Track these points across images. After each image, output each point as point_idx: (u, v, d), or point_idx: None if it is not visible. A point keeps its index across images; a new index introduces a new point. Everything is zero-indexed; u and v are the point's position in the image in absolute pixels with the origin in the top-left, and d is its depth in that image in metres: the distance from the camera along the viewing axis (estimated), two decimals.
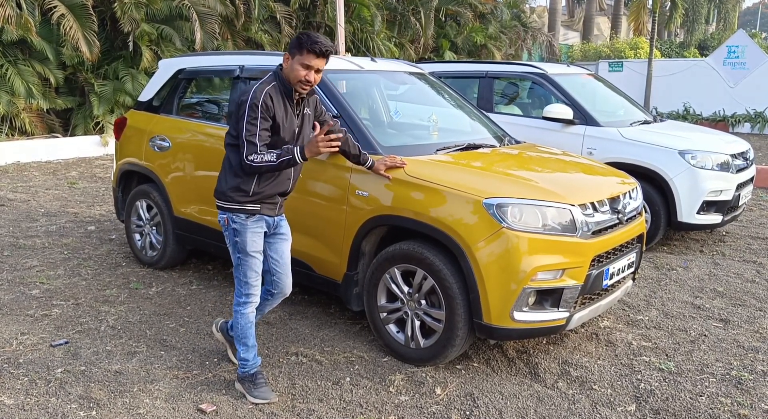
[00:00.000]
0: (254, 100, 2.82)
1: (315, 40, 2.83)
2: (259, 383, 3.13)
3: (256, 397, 3.09)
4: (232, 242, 3.09)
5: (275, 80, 2.93)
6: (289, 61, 2.89)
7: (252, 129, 2.83)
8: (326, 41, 2.88)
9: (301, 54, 2.85)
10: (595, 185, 3.72)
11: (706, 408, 3.07)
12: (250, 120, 2.83)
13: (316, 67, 2.89)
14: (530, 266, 3.08)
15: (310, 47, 2.83)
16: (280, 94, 2.91)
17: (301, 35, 2.87)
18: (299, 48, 2.85)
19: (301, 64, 2.85)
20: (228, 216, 3.05)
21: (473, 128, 4.52)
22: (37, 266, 5.09)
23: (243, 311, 3.13)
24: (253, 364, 3.17)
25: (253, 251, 3.06)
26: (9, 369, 3.38)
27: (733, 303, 4.51)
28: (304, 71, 2.87)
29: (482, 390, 3.23)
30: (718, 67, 16.96)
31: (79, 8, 10.42)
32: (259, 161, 2.83)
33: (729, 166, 5.71)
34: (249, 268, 3.07)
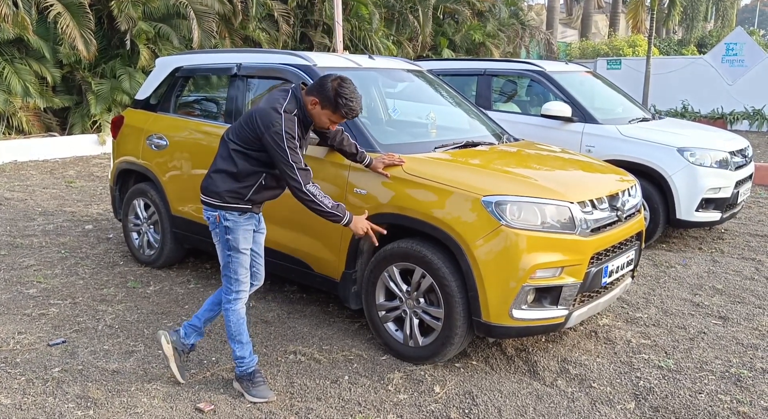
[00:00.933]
0: (290, 131, 2.87)
1: (352, 109, 2.92)
2: (257, 381, 3.12)
3: (255, 396, 3.08)
4: (223, 239, 3.08)
5: (297, 108, 2.95)
6: (317, 108, 2.95)
7: (296, 158, 2.88)
8: (360, 106, 2.97)
9: (334, 113, 2.94)
10: (594, 182, 3.71)
11: (706, 406, 3.06)
12: (293, 150, 2.87)
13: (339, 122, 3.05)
14: (529, 263, 3.07)
15: (346, 115, 2.94)
16: (299, 122, 2.97)
17: (340, 98, 2.88)
18: (334, 107, 2.91)
19: (330, 119, 2.98)
20: (219, 214, 3.05)
21: (471, 126, 4.51)
22: (34, 265, 5.07)
23: (234, 308, 3.11)
24: (250, 362, 3.15)
25: (245, 248, 3.07)
26: (6, 368, 3.36)
27: (732, 301, 4.50)
28: (330, 124, 3.02)
29: (481, 388, 3.22)
30: (717, 65, 16.93)
31: (75, 6, 10.38)
32: (319, 197, 2.94)
33: (728, 163, 5.70)
34: (240, 265, 3.07)
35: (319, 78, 3.00)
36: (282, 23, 13.54)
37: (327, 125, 3.02)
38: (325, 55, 4.25)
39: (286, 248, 3.99)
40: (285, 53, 4.22)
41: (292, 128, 2.88)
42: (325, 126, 3.04)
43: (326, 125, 3.02)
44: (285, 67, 4.09)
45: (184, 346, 3.29)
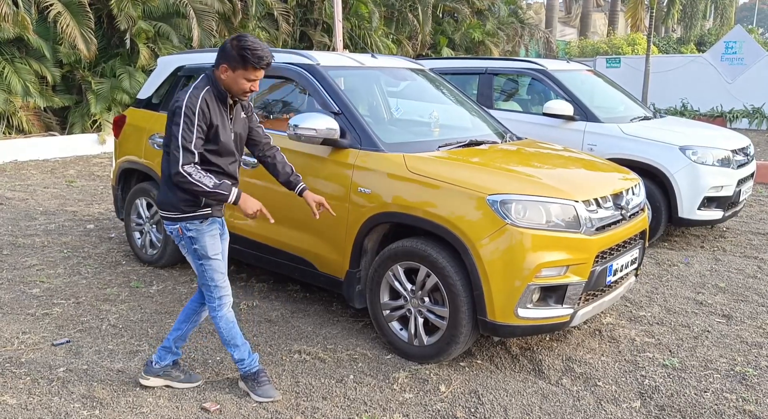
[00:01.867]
0: (191, 106, 2.72)
1: (261, 56, 2.73)
2: (262, 381, 3.10)
3: (260, 396, 3.07)
4: (191, 250, 2.97)
5: (209, 85, 2.82)
6: (229, 73, 2.78)
7: (189, 136, 2.71)
8: (268, 52, 2.78)
9: (246, 69, 2.76)
10: (598, 181, 3.71)
11: (712, 404, 3.07)
12: (187, 127, 2.71)
13: (258, 78, 2.84)
14: (534, 262, 3.07)
15: (257, 64, 2.75)
16: (215, 99, 2.82)
17: (244, 51, 2.72)
18: (242, 64, 2.74)
19: (245, 78, 2.78)
20: (181, 226, 2.92)
21: (474, 125, 4.51)
22: (36, 265, 5.06)
23: (221, 314, 3.04)
24: (251, 362, 3.11)
25: (215, 254, 2.97)
26: (11, 368, 3.36)
27: (735, 299, 4.51)
28: (249, 84, 2.81)
29: (486, 387, 3.22)
30: (716, 63, 16.95)
31: (75, 6, 10.37)
32: (196, 177, 2.71)
33: (730, 162, 5.70)
34: (215, 271, 2.98)
35: (219, 48, 2.86)
36: (282, 22, 13.54)
37: (247, 86, 2.80)
38: (329, 54, 4.25)
39: (290, 247, 3.99)
40: (288, 52, 4.22)
41: (194, 103, 2.72)
42: (245, 88, 2.81)
43: (246, 86, 2.80)
44: (288, 66, 4.08)
45: (165, 368, 3.16)
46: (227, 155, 2.91)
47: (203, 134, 2.77)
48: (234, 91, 2.84)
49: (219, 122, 2.82)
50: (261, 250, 4.17)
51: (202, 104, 2.74)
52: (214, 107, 2.80)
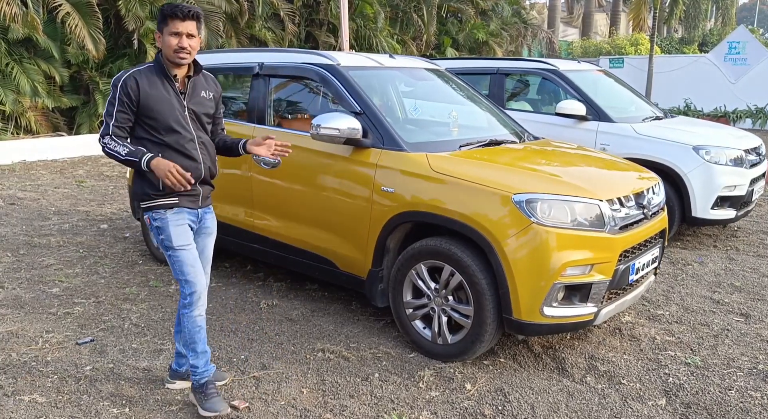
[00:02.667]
0: (115, 81, 2.77)
1: (174, 5, 2.74)
2: (210, 394, 2.94)
3: (207, 410, 2.90)
4: (159, 240, 2.92)
5: (153, 64, 2.84)
6: (160, 39, 2.79)
7: (110, 109, 2.76)
8: (187, 5, 2.79)
9: (166, 24, 2.74)
10: (620, 180, 3.74)
11: (737, 402, 3.09)
12: (111, 100, 2.76)
13: (187, 32, 2.75)
14: (560, 261, 3.09)
15: (172, 12, 2.72)
16: (155, 75, 2.79)
17: (163, 7, 2.77)
18: (163, 19, 2.76)
19: (170, 34, 2.74)
20: (149, 215, 2.89)
21: (492, 125, 4.53)
22: (54, 265, 5.08)
23: (190, 314, 2.91)
24: (204, 372, 2.97)
25: (180, 244, 2.86)
26: (38, 367, 3.38)
27: (751, 298, 4.53)
28: (176, 39, 2.74)
29: (512, 385, 3.25)
30: (719, 63, 16.98)
31: (84, 6, 10.41)
32: (112, 146, 2.74)
33: (742, 161, 5.73)
34: (183, 263, 2.86)
35: None
36: (288, 22, 13.57)
37: (175, 42, 2.73)
38: (348, 55, 4.26)
39: (312, 246, 4.01)
40: (308, 53, 4.24)
41: (120, 77, 2.75)
42: (174, 45, 2.73)
43: (174, 43, 2.73)
44: (308, 66, 4.11)
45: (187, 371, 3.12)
46: (169, 130, 2.81)
47: (126, 108, 2.75)
48: (170, 56, 2.77)
49: (156, 97, 2.77)
50: (282, 250, 4.19)
51: (128, 80, 2.74)
52: (148, 82, 2.76)
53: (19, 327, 3.89)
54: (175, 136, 2.82)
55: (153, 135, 2.81)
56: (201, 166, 2.90)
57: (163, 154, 2.78)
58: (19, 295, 4.41)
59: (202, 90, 2.93)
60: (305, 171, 3.96)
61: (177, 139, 2.82)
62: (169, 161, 2.72)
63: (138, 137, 2.84)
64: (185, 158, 2.84)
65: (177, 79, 2.84)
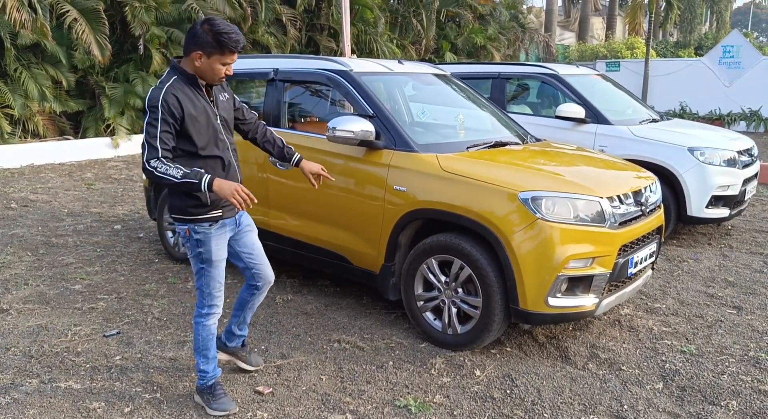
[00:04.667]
0: (153, 101, 2.66)
1: (237, 40, 2.69)
2: (218, 394, 3.05)
3: (216, 409, 3.01)
4: (195, 253, 2.92)
5: (175, 75, 2.75)
6: (204, 60, 2.70)
7: (152, 131, 2.64)
8: (240, 35, 2.74)
9: (222, 54, 2.69)
10: (619, 178, 3.95)
11: (729, 385, 3.30)
12: (151, 121, 2.65)
13: (234, 62, 2.80)
14: (563, 254, 3.30)
15: (234, 47, 2.70)
16: (187, 87, 2.75)
17: (219, 36, 2.66)
18: (219, 49, 2.68)
19: (221, 63, 2.72)
20: (189, 227, 2.88)
21: (496, 127, 4.74)
22: (74, 263, 5.27)
23: (205, 323, 3.01)
24: (212, 376, 3.08)
25: (218, 260, 2.92)
26: (70, 357, 3.57)
27: (744, 292, 4.75)
28: (224, 68, 2.75)
29: (518, 371, 3.45)
30: (714, 67, 17.25)
31: (91, 12, 10.61)
32: (163, 170, 2.62)
33: (735, 162, 5.95)
34: (212, 279, 2.94)
35: (187, 33, 2.77)
36: (290, 27, 13.79)
37: (222, 72, 2.74)
38: (360, 61, 4.47)
39: (325, 243, 4.21)
40: (322, 59, 4.45)
41: (157, 96, 2.66)
42: (220, 74, 2.75)
43: (221, 72, 2.74)
44: (322, 72, 4.31)
45: (234, 347, 3.37)
46: (213, 141, 2.83)
47: (170, 128, 2.68)
48: (209, 78, 2.77)
49: (194, 109, 2.74)
50: (298, 247, 4.39)
51: (168, 98, 2.66)
52: (185, 97, 2.72)
53: (48, 320, 4.08)
54: (216, 147, 2.84)
55: (193, 148, 2.78)
56: (236, 172, 2.97)
57: (205, 166, 2.78)
58: (44, 291, 4.60)
59: (220, 94, 2.96)
60: None
61: (218, 149, 2.85)
62: (230, 183, 2.68)
63: (176, 154, 2.77)
64: (225, 166, 2.89)
65: (204, 89, 2.84)
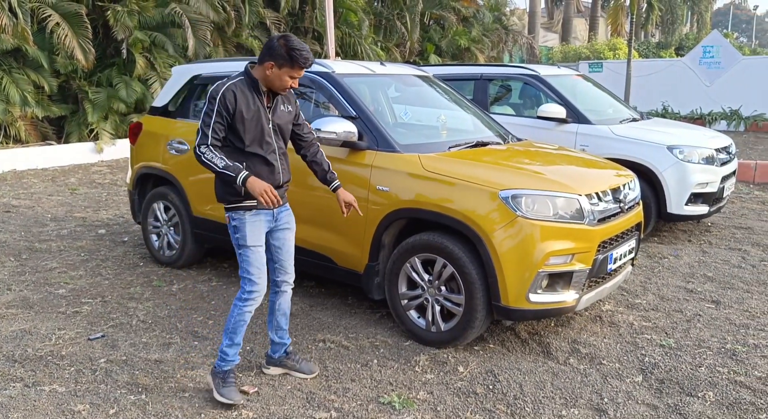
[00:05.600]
0: (214, 93, 2.96)
1: (307, 57, 2.95)
2: (229, 382, 3.16)
3: (222, 395, 3.11)
4: (234, 238, 3.16)
5: (243, 75, 3.04)
6: (274, 70, 2.97)
7: (207, 120, 2.95)
8: (311, 54, 2.99)
9: (291, 67, 2.95)
10: (597, 176, 4.02)
11: (706, 377, 3.37)
12: (208, 111, 2.95)
13: (300, 77, 3.06)
14: (543, 251, 3.36)
15: (303, 64, 2.96)
16: (248, 89, 3.01)
17: (292, 51, 2.92)
18: (290, 63, 2.93)
19: (289, 76, 2.99)
20: (228, 215, 3.15)
21: (478, 127, 4.79)
22: (57, 268, 5.26)
23: (242, 307, 3.14)
24: (231, 361, 3.19)
25: (253, 244, 3.11)
26: (54, 360, 3.57)
27: (722, 287, 4.84)
28: (291, 81, 3.02)
29: (501, 367, 3.50)
30: (695, 67, 17.50)
31: (73, 16, 10.54)
32: (208, 156, 2.93)
33: (714, 159, 6.06)
34: (250, 263, 3.11)
35: (264, 45, 3.03)
36: (274, 31, 13.78)
37: (288, 83, 3.01)
38: (343, 63, 4.51)
39: (309, 244, 4.23)
40: None
41: (219, 90, 2.94)
42: (287, 85, 3.01)
43: (287, 83, 3.01)
44: (305, 74, 4.33)
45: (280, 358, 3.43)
46: (258, 141, 3.06)
47: (223, 120, 2.96)
48: (276, 87, 3.03)
49: (247, 110, 2.99)
50: None
51: (227, 93, 2.94)
52: (243, 96, 2.98)
53: (32, 325, 4.07)
54: (260, 147, 3.07)
55: (240, 144, 3.04)
56: (279, 174, 3.18)
57: (247, 161, 3.04)
58: (27, 296, 4.59)
59: (282, 104, 3.18)
60: (304, 174, 4.17)
61: (261, 149, 3.07)
62: (263, 182, 2.95)
63: (225, 144, 3.04)
64: (266, 165, 3.11)
65: (265, 95, 3.08)
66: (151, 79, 11.61)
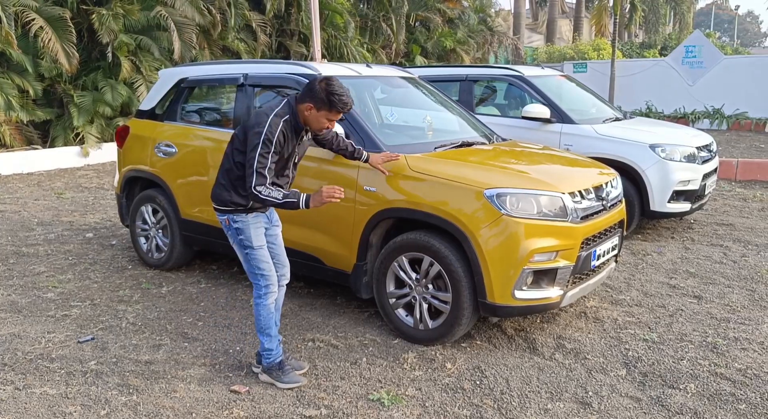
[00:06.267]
0: (270, 135, 3.01)
1: (346, 103, 3.07)
2: (286, 369, 3.33)
3: (287, 383, 3.30)
4: (237, 240, 3.29)
5: (289, 114, 3.10)
6: (313, 112, 3.08)
7: (264, 162, 3.02)
8: (351, 99, 3.12)
9: (329, 110, 3.07)
10: (580, 175, 4.09)
11: (688, 370, 3.45)
12: (263, 153, 3.01)
13: (337, 119, 3.21)
14: (528, 249, 3.43)
15: (342, 109, 3.09)
16: (291, 130, 3.12)
17: (332, 96, 3.02)
18: (329, 107, 3.05)
19: (327, 118, 3.12)
20: (228, 217, 3.26)
21: (463, 128, 4.86)
22: (45, 272, 5.25)
23: (265, 303, 3.30)
24: (277, 353, 3.34)
25: (259, 244, 3.27)
26: (44, 363, 3.58)
27: (704, 282, 4.94)
28: (328, 123, 3.16)
29: (488, 363, 3.56)
30: (677, 67, 17.71)
31: (57, 20, 10.49)
32: (266, 194, 3.03)
33: (695, 157, 6.17)
34: (260, 260, 3.27)
35: (305, 86, 3.15)
36: (260, 33, 13.81)
37: (326, 125, 3.14)
38: (328, 65, 4.56)
39: (298, 244, 4.26)
40: (291, 64, 4.52)
41: (274, 132, 3.01)
42: (324, 126, 3.15)
43: (325, 125, 3.14)
44: (291, 76, 4.38)
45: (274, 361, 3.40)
46: (278, 175, 3.20)
47: (276, 160, 3.08)
48: (313, 127, 3.17)
49: (286, 151, 3.13)
50: None
51: (280, 136, 3.04)
52: (288, 137, 3.10)
53: (21, 329, 4.07)
54: (277, 178, 3.19)
55: None
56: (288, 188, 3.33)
57: None
58: (16, 300, 4.59)
59: (306, 135, 3.31)
60: None
61: (278, 180, 3.20)
62: (319, 194, 3.06)
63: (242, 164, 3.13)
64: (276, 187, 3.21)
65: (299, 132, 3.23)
66: (137, 83, 11.58)
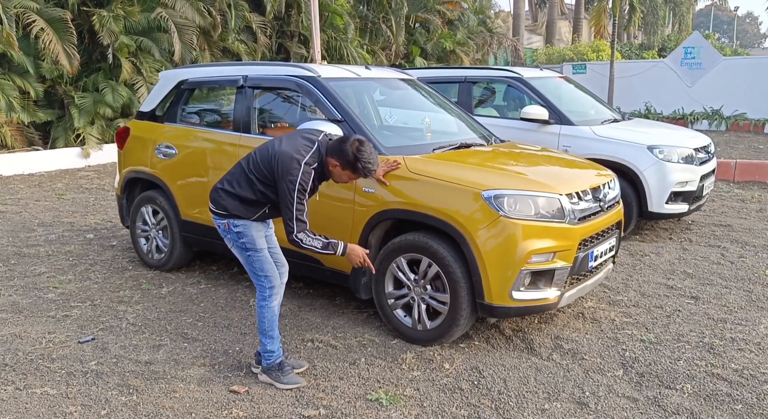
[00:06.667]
0: (304, 184, 3.08)
1: (371, 171, 3.15)
2: (286, 370, 3.36)
3: (286, 383, 3.32)
4: (239, 244, 3.31)
5: (317, 162, 3.15)
6: (338, 169, 3.16)
7: (301, 208, 3.10)
8: (377, 165, 3.21)
9: (353, 171, 3.15)
10: (578, 176, 4.12)
11: (684, 370, 3.48)
12: (300, 200, 3.09)
13: None
14: (525, 250, 3.45)
15: (366, 176, 3.20)
16: (317, 178, 3.20)
17: (359, 161, 3.09)
18: (354, 170, 3.13)
19: (350, 177, 3.22)
20: (228, 221, 3.29)
21: (462, 129, 4.88)
22: (46, 273, 5.27)
23: (269, 305, 3.34)
24: (278, 355, 3.38)
25: (262, 247, 3.32)
26: (45, 363, 3.60)
27: (702, 283, 4.96)
28: (349, 180, 3.27)
29: (486, 363, 3.58)
30: (676, 68, 17.73)
31: (58, 22, 10.52)
32: (307, 243, 3.14)
33: (693, 159, 6.19)
34: (263, 262, 3.31)
35: (338, 141, 3.19)
36: (260, 35, 13.83)
37: (345, 181, 3.27)
38: (328, 67, 4.58)
39: None
40: (290, 65, 4.55)
41: (307, 181, 3.08)
42: (343, 181, 3.28)
43: (345, 181, 3.27)
44: (291, 78, 4.41)
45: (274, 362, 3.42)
46: None
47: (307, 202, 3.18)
48: (334, 179, 3.26)
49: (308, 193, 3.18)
50: None
51: (312, 184, 3.13)
52: (316, 183, 3.20)
53: (22, 329, 4.10)
54: None
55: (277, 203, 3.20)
56: None
57: (269, 212, 3.29)
58: (17, 301, 4.61)
59: None
60: None
61: None
62: (358, 251, 3.28)
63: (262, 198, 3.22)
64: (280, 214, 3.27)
65: None
66: (137, 84, 11.61)
